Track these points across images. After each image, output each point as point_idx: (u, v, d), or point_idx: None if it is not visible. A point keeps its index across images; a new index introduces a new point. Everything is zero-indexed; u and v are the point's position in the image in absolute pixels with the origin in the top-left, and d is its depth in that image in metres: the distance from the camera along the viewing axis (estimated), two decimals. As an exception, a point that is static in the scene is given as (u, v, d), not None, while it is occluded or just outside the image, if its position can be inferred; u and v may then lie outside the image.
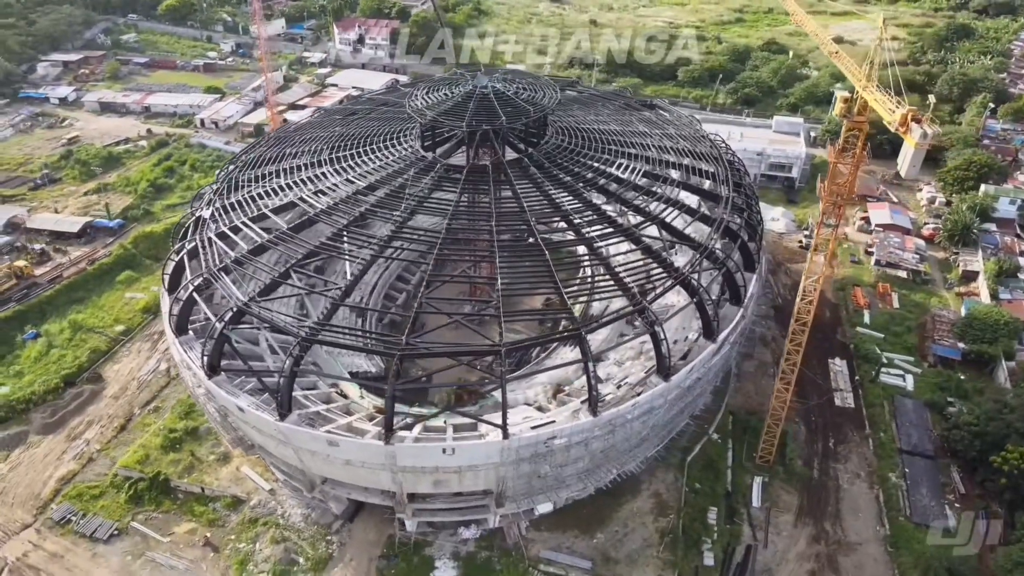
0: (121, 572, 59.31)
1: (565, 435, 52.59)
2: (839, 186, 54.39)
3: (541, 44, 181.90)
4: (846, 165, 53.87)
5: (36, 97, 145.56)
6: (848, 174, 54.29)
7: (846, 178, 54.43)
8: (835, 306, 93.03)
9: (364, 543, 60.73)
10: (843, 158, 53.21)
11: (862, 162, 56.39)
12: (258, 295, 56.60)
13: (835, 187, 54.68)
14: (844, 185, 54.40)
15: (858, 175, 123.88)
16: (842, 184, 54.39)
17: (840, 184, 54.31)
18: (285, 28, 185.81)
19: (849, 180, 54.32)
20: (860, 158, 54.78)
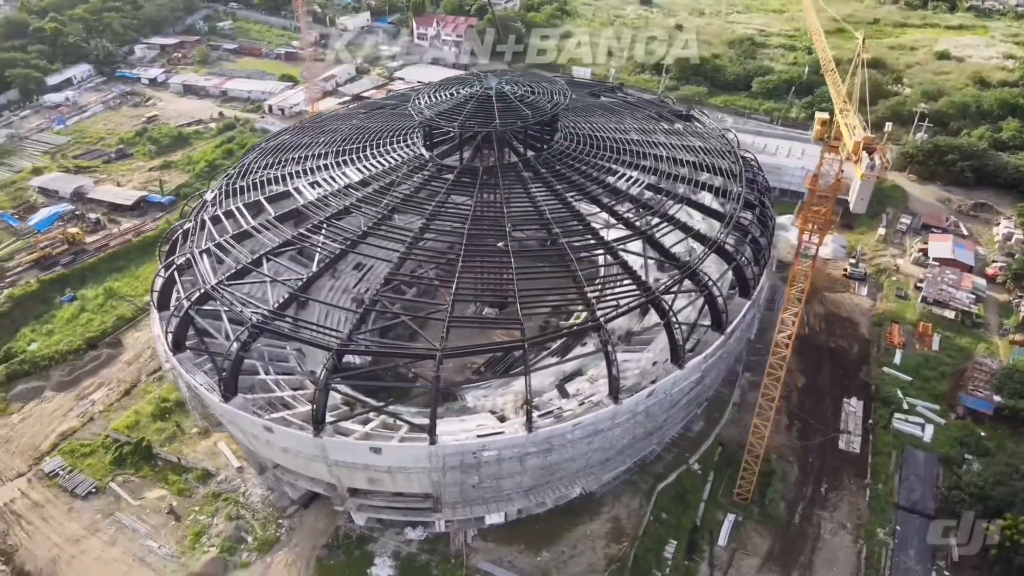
0: (89, 528, 62.90)
1: (495, 448, 51.42)
2: (816, 213, 50.41)
3: (619, 46, 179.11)
4: (826, 193, 49.86)
5: (130, 77, 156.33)
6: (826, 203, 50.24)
7: (826, 206, 50.39)
8: (866, 342, 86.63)
9: (312, 531, 61.74)
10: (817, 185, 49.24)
11: (838, 190, 51.99)
12: (227, 279, 58.38)
13: (812, 214, 50.70)
14: (823, 213, 50.39)
15: (931, 203, 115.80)
16: (822, 212, 50.41)
17: (818, 211, 50.34)
18: (370, 21, 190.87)
19: (827, 208, 50.23)
20: (838, 186, 50.54)
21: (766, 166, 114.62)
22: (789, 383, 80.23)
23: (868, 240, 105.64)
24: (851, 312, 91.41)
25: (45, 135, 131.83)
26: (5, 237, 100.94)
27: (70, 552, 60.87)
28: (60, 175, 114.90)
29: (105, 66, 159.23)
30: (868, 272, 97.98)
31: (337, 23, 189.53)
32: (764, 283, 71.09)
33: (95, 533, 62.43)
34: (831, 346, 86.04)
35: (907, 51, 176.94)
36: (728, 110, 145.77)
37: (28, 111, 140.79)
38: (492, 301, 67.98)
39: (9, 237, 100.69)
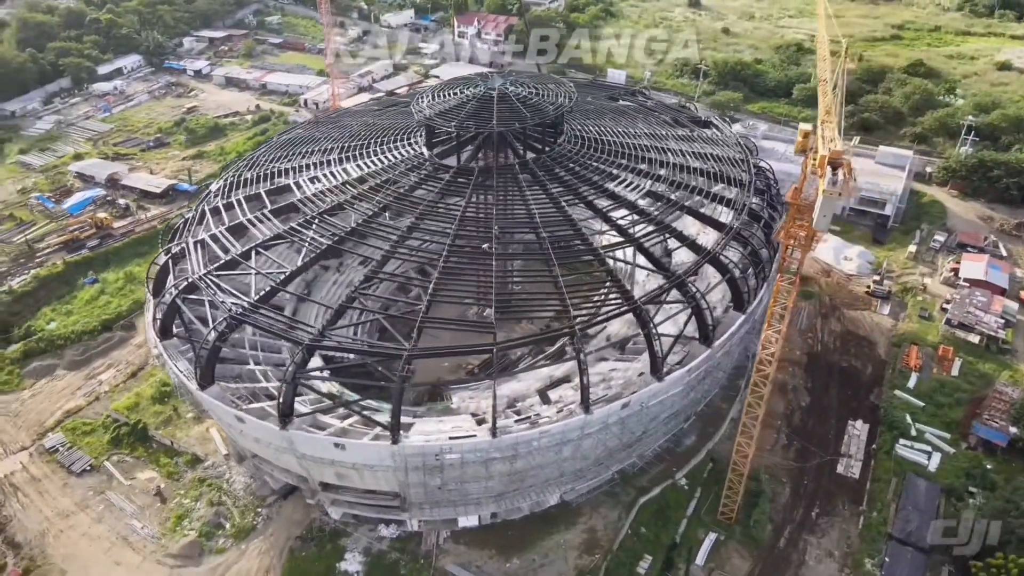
0: (80, 504, 64.98)
1: (458, 451, 51.06)
2: (799, 227, 48.40)
3: (662, 48, 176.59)
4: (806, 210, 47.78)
5: (176, 68, 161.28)
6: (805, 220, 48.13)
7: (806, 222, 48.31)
8: (882, 363, 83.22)
9: (288, 522, 62.47)
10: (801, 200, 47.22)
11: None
12: (215, 269, 59.53)
13: (793, 230, 48.71)
14: (802, 228, 48.34)
15: (971, 220, 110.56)
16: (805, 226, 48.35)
17: (798, 227, 48.33)
18: (413, 18, 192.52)
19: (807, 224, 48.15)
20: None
21: (795, 177, 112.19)
22: (792, 401, 78.05)
23: (898, 257, 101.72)
24: (869, 331, 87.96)
25: (91, 122, 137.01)
26: (40, 219, 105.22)
27: (59, 526, 63.00)
28: (97, 161, 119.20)
29: (155, 57, 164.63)
30: (893, 290, 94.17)
31: (381, 20, 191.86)
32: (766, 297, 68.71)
33: (84, 509, 64.46)
34: (843, 365, 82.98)
35: (966, 60, 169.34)
36: (765, 117, 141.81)
37: (78, 99, 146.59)
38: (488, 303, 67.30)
39: (44, 219, 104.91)
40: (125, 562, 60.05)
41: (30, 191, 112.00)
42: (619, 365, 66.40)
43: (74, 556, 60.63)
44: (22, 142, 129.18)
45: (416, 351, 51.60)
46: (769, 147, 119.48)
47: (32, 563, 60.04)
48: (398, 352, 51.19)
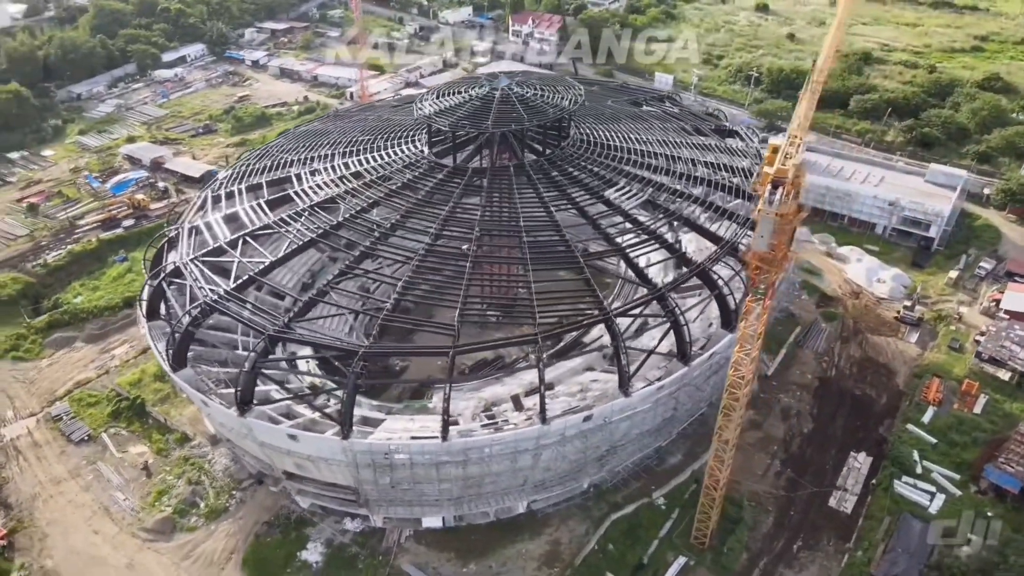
0: (72, 472, 67.93)
1: (407, 452, 50.82)
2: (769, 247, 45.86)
3: (721, 52, 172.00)
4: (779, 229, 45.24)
5: (235, 58, 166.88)
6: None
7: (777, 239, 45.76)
8: (899, 394, 78.63)
9: (259, 507, 63.60)
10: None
11: (791, 223, 46.85)
12: (201, 255, 61.13)
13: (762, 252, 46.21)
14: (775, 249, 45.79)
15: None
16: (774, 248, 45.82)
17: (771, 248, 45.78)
18: (471, 16, 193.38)
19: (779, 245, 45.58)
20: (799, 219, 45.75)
21: (834, 192, 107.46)
22: (794, 427, 74.66)
23: (936, 282, 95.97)
24: (892, 359, 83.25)
25: (148, 107, 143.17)
26: (86, 197, 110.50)
27: (50, 492, 66.03)
28: (146, 144, 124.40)
29: (217, 47, 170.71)
30: (924, 317, 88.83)
31: (439, 16, 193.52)
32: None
33: (75, 478, 67.36)
34: (856, 393, 78.80)
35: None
36: (816, 128, 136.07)
37: (140, 84, 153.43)
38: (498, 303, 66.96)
39: (89, 198, 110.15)
40: (103, 531, 62.38)
41: (81, 170, 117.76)
42: (602, 376, 64.80)
43: (57, 521, 63.39)
44: (83, 123, 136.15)
45: (372, 349, 51.60)
46: (811, 160, 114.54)
47: (19, 524, 63.08)
48: (354, 349, 51.27)
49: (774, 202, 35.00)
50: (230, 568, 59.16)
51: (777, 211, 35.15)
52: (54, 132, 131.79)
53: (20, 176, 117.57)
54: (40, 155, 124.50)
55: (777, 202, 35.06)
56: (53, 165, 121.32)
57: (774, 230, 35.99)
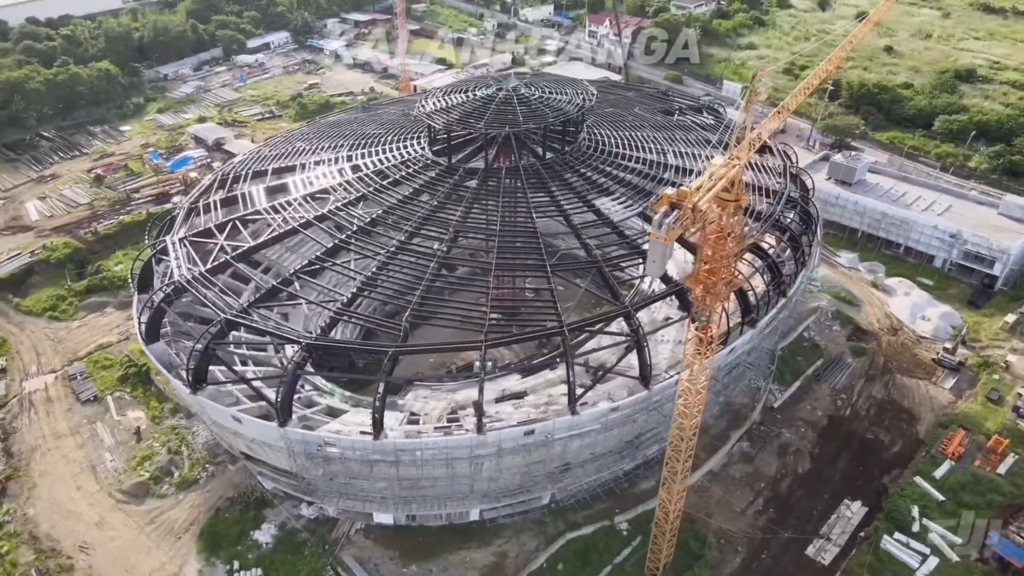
0: (72, 429, 72.25)
1: (339, 446, 50.97)
2: (707, 273, 43.06)
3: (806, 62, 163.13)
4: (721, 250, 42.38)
5: (315, 47, 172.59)
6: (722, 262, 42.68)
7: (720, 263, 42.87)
8: (917, 443, 72.57)
9: (228, 483, 65.56)
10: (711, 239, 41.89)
11: (740, 249, 43.50)
12: (191, 236, 63.57)
13: (704, 273, 43.41)
14: (716, 271, 42.92)
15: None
16: (714, 269, 42.97)
17: (706, 273, 42.98)
18: (552, 14, 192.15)
19: (719, 269, 42.65)
20: (739, 246, 42.71)
21: (891, 218, 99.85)
22: (788, 465, 70.13)
23: (991, 325, 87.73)
24: (917, 403, 76.83)
25: (225, 90, 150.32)
26: (147, 172, 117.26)
27: (49, 445, 70.50)
28: (212, 126, 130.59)
29: (301, 35, 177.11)
30: (967, 362, 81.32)
31: (520, 14, 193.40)
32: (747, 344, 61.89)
33: (74, 435, 71.62)
34: (867, 436, 73.23)
35: None
36: (892, 148, 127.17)
37: (222, 68, 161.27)
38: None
39: (149, 172, 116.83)
40: (84, 488, 66.03)
41: (151, 146, 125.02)
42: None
43: (49, 474, 67.59)
44: (163, 103, 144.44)
45: (317, 340, 52.06)
46: (873, 182, 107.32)
47: (15, 472, 67.69)
48: (298, 340, 51.88)
49: (663, 226, 32.53)
50: (187, 538, 61.30)
51: (665, 236, 32.68)
52: (135, 109, 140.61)
53: (96, 148, 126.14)
54: (118, 130, 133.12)
55: (667, 226, 32.58)
56: (127, 140, 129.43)
57: (663, 255, 33.49)
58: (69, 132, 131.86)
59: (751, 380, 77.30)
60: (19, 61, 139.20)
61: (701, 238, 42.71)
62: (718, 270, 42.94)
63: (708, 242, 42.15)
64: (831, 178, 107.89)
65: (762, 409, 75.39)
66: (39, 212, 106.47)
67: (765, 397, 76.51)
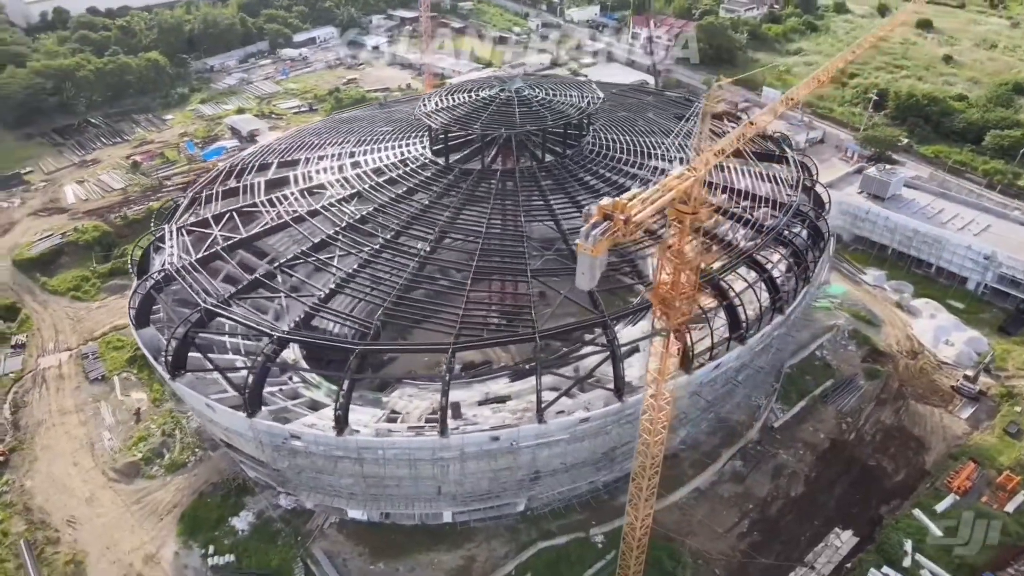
0: (78, 406, 74.86)
1: (304, 439, 51.35)
2: (668, 288, 41.78)
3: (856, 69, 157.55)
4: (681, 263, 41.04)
5: (359, 42, 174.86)
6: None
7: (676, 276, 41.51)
8: (922, 473, 69.35)
9: (214, 468, 66.91)
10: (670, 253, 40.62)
11: (697, 265, 41.81)
12: (189, 224, 65.07)
13: (663, 289, 42.15)
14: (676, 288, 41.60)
15: None
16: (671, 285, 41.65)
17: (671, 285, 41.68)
18: (597, 15, 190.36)
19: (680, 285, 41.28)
20: (696, 263, 41.23)
21: (924, 237, 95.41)
22: (781, 487, 67.81)
23: (1020, 353, 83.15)
24: (929, 432, 73.43)
25: (267, 83, 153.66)
26: (181, 160, 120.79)
27: (53, 421, 73.24)
28: (248, 117, 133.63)
29: (346, 31, 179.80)
30: (988, 392, 77.22)
31: (566, 14, 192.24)
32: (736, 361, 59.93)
33: (79, 412, 74.20)
34: (870, 463, 70.24)
35: None
36: (936, 163, 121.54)
37: (267, 61, 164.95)
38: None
39: (184, 161, 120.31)
40: (81, 464, 68.34)
41: (188, 136, 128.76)
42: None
43: (50, 448, 70.21)
44: (206, 93, 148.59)
45: (286, 334, 52.60)
46: (908, 197, 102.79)
47: (19, 444, 70.53)
48: (270, 333, 52.52)
49: (590, 237, 31.52)
50: (168, 519, 62.80)
51: (592, 248, 31.66)
52: (179, 99, 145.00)
53: (137, 135, 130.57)
54: (161, 118, 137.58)
55: (593, 238, 31.55)
56: (168, 129, 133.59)
57: (591, 267, 32.46)
58: (115, 119, 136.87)
59: (753, 397, 75.14)
60: (73, 49, 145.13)
61: (660, 251, 41.66)
62: (679, 284, 41.63)
63: (667, 255, 41.00)
64: (863, 192, 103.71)
65: (761, 428, 73.14)
66: (76, 195, 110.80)
67: (765, 415, 74.14)
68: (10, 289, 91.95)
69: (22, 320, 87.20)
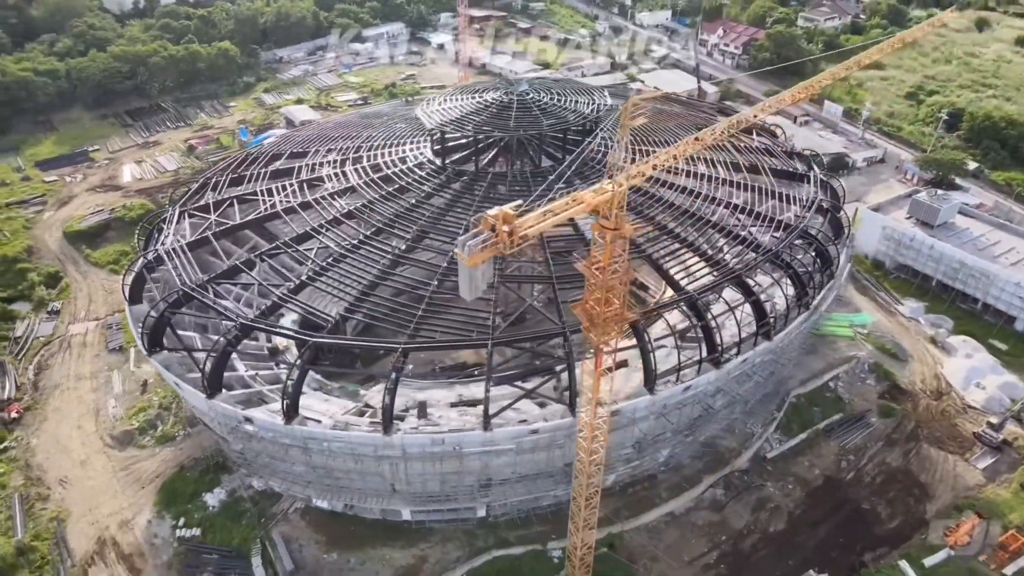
0: (93, 373, 79.36)
1: (256, 424, 52.57)
2: (596, 303, 40.61)
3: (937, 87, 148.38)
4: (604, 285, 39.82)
5: (425, 39, 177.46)
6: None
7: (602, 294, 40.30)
8: (920, 523, 64.77)
9: (198, 444, 69.44)
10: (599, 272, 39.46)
11: (624, 283, 40.09)
12: (193, 208, 67.93)
13: (590, 305, 40.99)
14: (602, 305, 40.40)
15: None
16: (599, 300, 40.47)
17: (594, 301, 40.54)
18: (668, 19, 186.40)
19: (601, 302, 40.03)
20: (624, 281, 39.84)
21: (971, 270, 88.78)
22: (760, 521, 64.74)
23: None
24: (937, 480, 68.65)
25: (330, 76, 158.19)
26: (235, 146, 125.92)
27: (69, 385, 77.92)
28: (304, 108, 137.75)
29: (414, 27, 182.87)
30: (1013, 442, 71.35)
31: (636, 18, 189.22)
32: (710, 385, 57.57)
33: (92, 379, 78.66)
34: (863, 506, 66.07)
35: None
36: (1006, 191, 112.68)
37: (332, 54, 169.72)
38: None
39: (236, 147, 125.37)
40: (84, 428, 72.43)
41: (245, 123, 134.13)
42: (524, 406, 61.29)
43: (60, 410, 74.73)
44: (271, 83, 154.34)
45: (251, 321, 54.07)
46: (961, 226, 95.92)
47: (34, 404, 75.40)
48: (232, 319, 54.12)
49: (466, 248, 30.80)
50: (149, 489, 65.76)
51: (468, 258, 30.95)
52: (244, 87, 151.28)
53: (200, 121, 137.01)
54: (225, 105, 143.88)
55: (470, 248, 30.83)
56: (229, 115, 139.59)
57: (470, 277, 31.77)
58: (183, 104, 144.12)
59: (749, 424, 72.12)
60: (154, 36, 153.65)
61: (585, 267, 40.53)
62: (606, 301, 40.37)
63: (591, 271, 39.84)
64: (912, 217, 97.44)
65: (753, 457, 70.00)
66: (132, 175, 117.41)
67: (759, 444, 70.92)
68: (57, 258, 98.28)
69: (62, 288, 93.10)
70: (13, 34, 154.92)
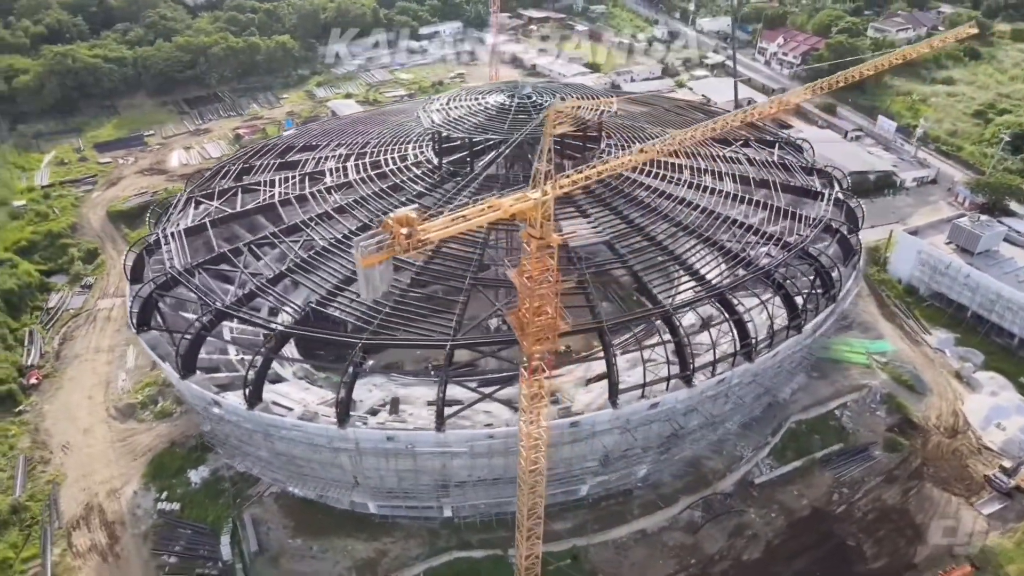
0: (110, 346, 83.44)
1: (221, 406, 54.12)
2: (527, 312, 40.23)
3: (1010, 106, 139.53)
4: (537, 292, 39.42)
5: (481, 39, 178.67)
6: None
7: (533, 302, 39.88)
8: (909, 567, 61.40)
9: (192, 422, 71.98)
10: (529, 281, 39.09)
11: (556, 292, 39.27)
12: (197, 195, 70.65)
13: (523, 314, 40.62)
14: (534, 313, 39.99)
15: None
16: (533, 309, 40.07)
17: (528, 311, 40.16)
18: (728, 25, 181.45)
19: (533, 310, 39.58)
20: (556, 291, 39.27)
21: (1008, 303, 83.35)
22: (734, 548, 62.63)
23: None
24: (934, 522, 64.75)
25: (382, 72, 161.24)
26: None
27: (88, 356, 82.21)
28: (351, 103, 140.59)
29: (472, 26, 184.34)
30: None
31: (697, 23, 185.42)
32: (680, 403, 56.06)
33: (109, 352, 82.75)
34: (848, 543, 62.99)
35: None
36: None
37: (387, 51, 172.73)
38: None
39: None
40: (93, 398, 76.34)
41: (292, 114, 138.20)
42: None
43: (75, 379, 78.95)
44: (324, 76, 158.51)
45: (227, 308, 55.82)
46: (1005, 255, 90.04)
47: (53, 372, 79.86)
48: (213, 308, 56.00)
49: (361, 249, 30.87)
50: (139, 462, 68.72)
51: (363, 258, 31.01)
52: (298, 80, 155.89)
53: (251, 111, 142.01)
54: (278, 97, 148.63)
55: (363, 249, 30.88)
56: (280, 107, 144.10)
57: (366, 278, 31.84)
58: (239, 94, 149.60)
59: (738, 447, 69.91)
60: (219, 28, 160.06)
61: (515, 275, 40.19)
62: (538, 310, 39.91)
63: (521, 280, 39.48)
64: (951, 243, 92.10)
65: (738, 481, 67.74)
66: (179, 160, 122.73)
67: (748, 468, 68.60)
68: (97, 236, 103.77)
69: (98, 264, 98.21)
70: (92, 22, 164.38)
